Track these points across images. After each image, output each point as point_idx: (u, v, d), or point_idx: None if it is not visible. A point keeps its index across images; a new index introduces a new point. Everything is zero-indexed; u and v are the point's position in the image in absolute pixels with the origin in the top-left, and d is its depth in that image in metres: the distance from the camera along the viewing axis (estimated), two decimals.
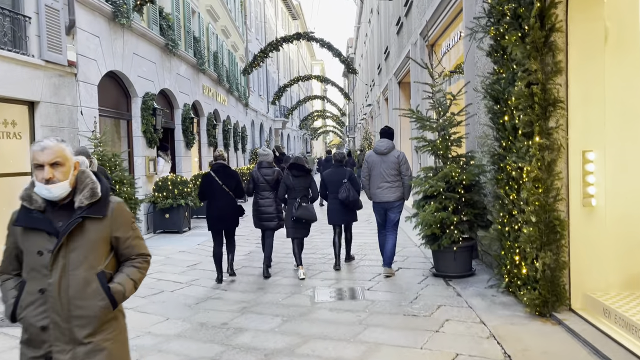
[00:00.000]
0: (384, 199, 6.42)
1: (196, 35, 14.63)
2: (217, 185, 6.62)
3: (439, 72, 6.51)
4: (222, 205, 6.63)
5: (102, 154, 7.66)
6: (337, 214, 7.04)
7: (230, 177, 6.72)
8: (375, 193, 6.50)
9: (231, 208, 6.69)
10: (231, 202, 6.68)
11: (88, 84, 8.39)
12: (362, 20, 33.40)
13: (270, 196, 6.91)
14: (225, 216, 6.67)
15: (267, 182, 6.88)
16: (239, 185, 6.80)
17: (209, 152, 16.07)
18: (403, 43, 13.97)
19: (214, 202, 6.66)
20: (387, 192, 6.41)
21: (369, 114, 27.43)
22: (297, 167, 6.83)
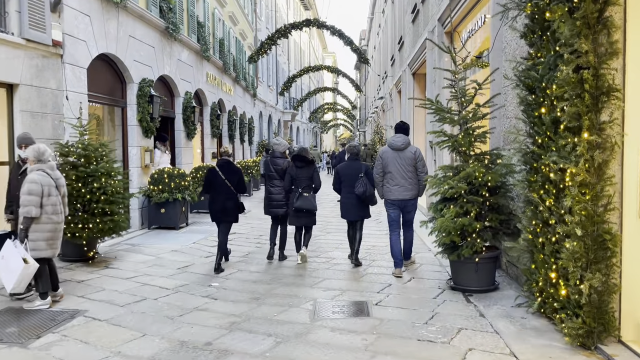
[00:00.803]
0: (400, 196, 6.24)
1: (200, 20, 13.90)
2: (220, 180, 6.84)
3: (463, 58, 5.70)
4: (224, 199, 6.84)
5: (86, 144, 6.98)
6: (352, 209, 6.88)
7: (233, 173, 6.93)
8: (391, 190, 6.28)
9: (232, 202, 6.90)
10: (232, 197, 6.90)
11: (76, 67, 7.71)
12: (376, 11, 32.46)
13: (280, 184, 7.25)
14: (226, 209, 6.86)
15: (277, 171, 7.24)
16: (241, 180, 7.01)
17: (212, 143, 15.40)
18: (419, 31, 13.14)
19: (217, 195, 6.87)
20: (403, 189, 6.23)
21: (381, 107, 26.60)
22: (300, 158, 7.09)
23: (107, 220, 6.95)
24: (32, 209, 4.90)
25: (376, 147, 20.44)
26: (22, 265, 4.75)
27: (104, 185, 6.94)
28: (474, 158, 5.39)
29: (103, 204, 6.92)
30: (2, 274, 4.88)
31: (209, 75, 14.97)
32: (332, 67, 22.29)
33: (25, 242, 4.91)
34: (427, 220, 5.72)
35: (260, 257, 7.52)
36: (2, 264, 4.84)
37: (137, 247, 8.19)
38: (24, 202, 4.88)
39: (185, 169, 12.49)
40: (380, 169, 6.37)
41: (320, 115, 45.71)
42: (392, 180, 6.28)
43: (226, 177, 6.85)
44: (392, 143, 6.38)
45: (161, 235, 9.23)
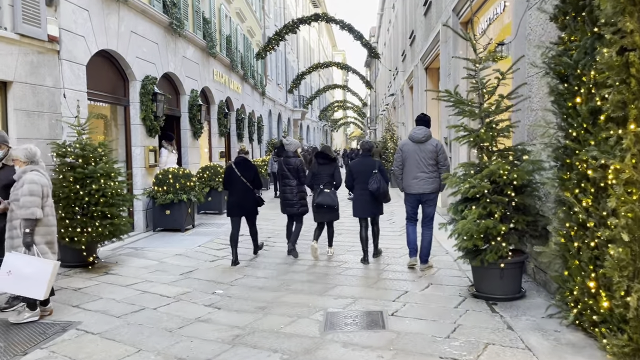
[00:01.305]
0: (420, 190, 6.16)
1: (206, 16, 13.54)
2: (236, 176, 7.15)
3: (484, 45, 5.25)
4: (240, 194, 7.15)
5: (84, 144, 6.64)
6: (365, 206, 6.83)
7: (248, 170, 7.24)
8: (410, 184, 6.21)
9: (249, 197, 7.21)
10: (248, 192, 7.20)
11: (74, 64, 7.38)
12: (386, 7, 31.95)
13: (292, 183, 7.38)
14: (242, 204, 7.18)
15: (289, 170, 7.38)
16: (257, 177, 7.31)
17: (220, 142, 15.05)
18: (431, 24, 12.67)
19: (234, 191, 7.20)
20: (423, 183, 6.13)
21: (392, 104, 26.11)
22: (323, 156, 7.34)
23: (107, 223, 6.61)
24: (37, 210, 4.57)
25: (387, 145, 19.98)
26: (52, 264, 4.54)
27: (103, 187, 6.59)
28: (497, 154, 4.94)
29: (102, 206, 6.58)
30: (18, 288, 4.48)
31: (216, 72, 14.62)
32: (341, 64, 21.85)
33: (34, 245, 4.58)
34: (446, 222, 5.28)
35: (267, 261, 7.14)
36: (11, 279, 4.43)
37: (140, 250, 7.85)
38: (26, 204, 4.52)
39: (192, 168, 12.16)
40: (400, 161, 6.27)
41: (330, 113, 45.32)
42: (411, 173, 6.17)
43: (242, 173, 7.15)
44: (412, 135, 6.25)
45: (166, 238, 8.88)
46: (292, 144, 7.69)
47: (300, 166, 7.44)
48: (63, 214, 6.48)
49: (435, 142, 6.21)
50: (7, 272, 4.43)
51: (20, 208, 4.54)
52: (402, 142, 6.50)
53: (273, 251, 7.86)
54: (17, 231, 4.59)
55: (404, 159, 6.27)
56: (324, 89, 31.99)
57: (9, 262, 4.46)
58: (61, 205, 6.46)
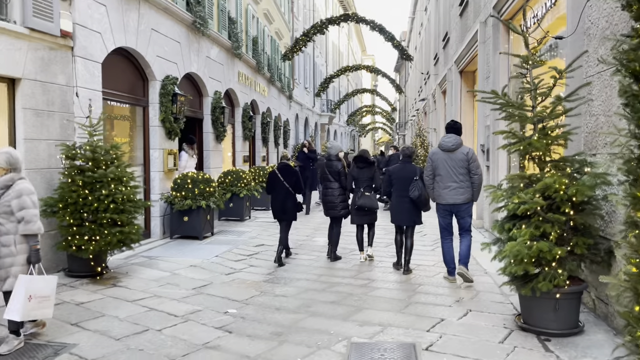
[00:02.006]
0: (451, 200, 5.93)
1: (232, 16, 13.14)
2: (279, 181, 7.47)
3: (538, 40, 4.56)
4: (283, 198, 7.46)
5: (94, 146, 6.21)
6: (404, 214, 6.67)
7: (290, 175, 7.53)
8: (441, 194, 5.99)
9: (290, 201, 7.50)
10: (291, 196, 7.50)
11: (89, 61, 6.99)
12: (418, 9, 31.22)
13: (334, 186, 7.50)
14: (284, 208, 7.47)
15: (331, 173, 7.50)
16: (298, 182, 7.59)
17: (244, 146, 14.61)
18: (468, 24, 11.96)
19: (277, 195, 7.51)
20: (454, 192, 5.91)
21: (422, 109, 25.33)
22: (362, 159, 7.46)
23: (117, 231, 6.16)
24: (41, 225, 4.19)
25: (417, 151, 19.24)
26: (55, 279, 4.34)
27: (113, 193, 6.15)
28: (552, 165, 4.26)
29: (112, 213, 6.14)
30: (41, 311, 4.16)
31: (241, 74, 14.20)
32: (371, 67, 21.21)
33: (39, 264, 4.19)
34: (490, 242, 4.61)
35: (288, 276, 6.58)
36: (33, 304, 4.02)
37: (154, 260, 7.39)
38: (31, 218, 4.07)
39: (214, 173, 11.74)
40: (430, 171, 6.10)
41: (358, 118, 44.64)
42: (442, 183, 5.98)
43: (284, 179, 7.47)
44: (442, 144, 6.06)
45: (182, 247, 8.42)
46: (334, 148, 7.78)
47: (342, 169, 7.53)
48: (71, 220, 6.08)
49: (466, 150, 5.96)
50: (27, 298, 3.98)
51: (27, 223, 4.08)
52: (432, 150, 6.30)
53: (294, 264, 7.29)
54: (8, 249, 4.10)
55: (434, 168, 6.06)
56: (353, 93, 31.35)
57: (25, 286, 4.00)
58: (69, 211, 6.07)
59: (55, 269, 6.41)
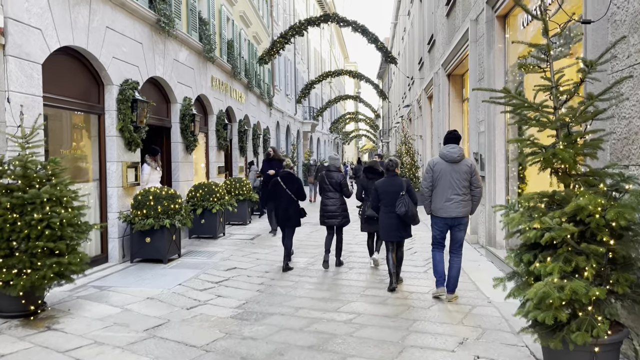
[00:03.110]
0: (453, 213, 5.70)
1: (204, 17, 12.19)
2: (282, 189, 7.74)
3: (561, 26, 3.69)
4: (286, 205, 7.70)
5: (25, 160, 5.20)
6: (392, 229, 6.42)
7: (293, 183, 7.81)
8: (442, 206, 5.73)
9: (294, 209, 7.75)
10: (294, 204, 7.75)
11: (25, 61, 5.98)
12: (400, 14, 30.63)
13: (335, 196, 7.75)
14: (289, 215, 7.70)
15: (332, 184, 7.74)
16: (300, 189, 7.85)
17: (219, 156, 13.61)
18: (456, 25, 11.20)
19: (280, 203, 7.75)
20: (457, 205, 5.68)
21: (407, 116, 24.61)
22: (371, 170, 7.76)
23: (53, 262, 5.14)
24: None
25: (403, 159, 18.44)
26: None
27: (48, 216, 5.14)
28: (582, 181, 3.40)
29: (47, 240, 5.13)
30: None
31: (215, 79, 13.23)
32: (353, 72, 20.42)
33: None
34: (505, 276, 3.72)
35: (259, 310, 5.62)
36: None
37: (106, 291, 6.37)
38: None
39: (184, 187, 10.74)
40: (430, 182, 5.80)
41: (341, 125, 43.90)
42: (443, 196, 5.72)
43: (287, 186, 7.73)
44: (446, 154, 5.74)
45: (142, 272, 7.40)
46: (338, 160, 8.26)
47: (343, 180, 7.80)
48: None
49: (470, 162, 5.78)
50: None
51: None
52: (433, 160, 5.91)
53: (269, 293, 6.33)
54: None
55: (434, 179, 5.76)
56: (335, 100, 30.56)
57: None
58: None
59: None
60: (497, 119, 7.72)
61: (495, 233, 7.79)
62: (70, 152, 7.48)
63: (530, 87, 4.10)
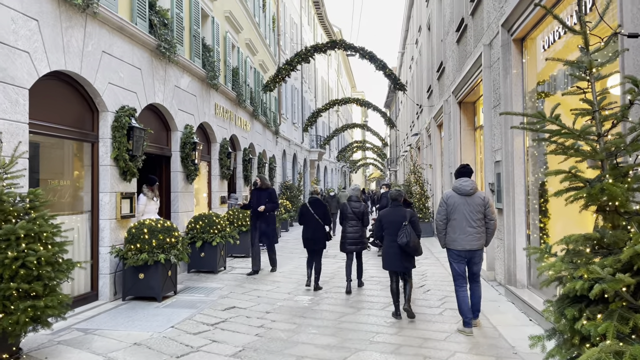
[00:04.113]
0: (468, 246, 5.75)
1: (208, 43, 11.93)
2: (310, 214, 8.39)
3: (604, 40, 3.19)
4: (313, 229, 8.36)
5: (1, 193, 4.73)
6: (395, 259, 6.44)
7: (320, 208, 8.47)
8: (457, 239, 5.78)
9: (320, 232, 8.38)
10: (320, 228, 8.38)
11: (10, 86, 5.59)
12: (408, 42, 30.55)
13: (357, 225, 8.22)
14: (315, 238, 8.33)
15: (355, 213, 8.19)
16: (327, 214, 8.51)
17: (222, 186, 13.16)
18: (467, 50, 10.83)
19: (308, 227, 8.42)
20: (471, 238, 5.74)
21: (415, 145, 24.18)
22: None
23: (27, 306, 4.61)
24: None
25: (411, 188, 17.88)
26: None
27: (23, 255, 4.64)
28: (637, 221, 2.86)
29: (21, 281, 4.61)
30: None
31: (219, 107, 12.89)
32: (361, 100, 20.07)
33: None
34: (544, 335, 3.14)
35: (257, 358, 5.02)
36: None
37: (90, 334, 5.81)
38: None
39: (184, 217, 10.25)
40: (444, 215, 5.85)
41: (348, 154, 43.55)
42: (458, 229, 5.77)
43: (315, 211, 8.39)
44: (459, 188, 5.84)
45: (134, 312, 6.84)
46: (358, 190, 8.67)
47: (365, 209, 8.29)
48: None
49: (483, 195, 5.86)
50: None
51: None
52: (446, 194, 5.97)
53: (269, 338, 5.74)
54: None
55: (448, 212, 5.83)
56: (343, 128, 30.23)
57: None
58: None
59: None
60: (515, 147, 7.22)
61: (516, 271, 7.18)
62: (60, 182, 7.03)
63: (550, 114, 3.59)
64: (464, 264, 5.87)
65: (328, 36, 40.50)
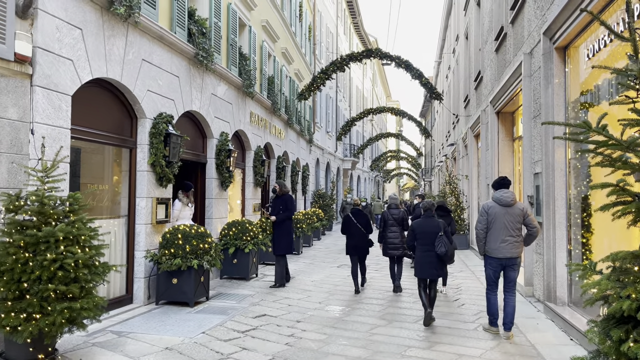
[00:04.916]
0: (508, 254, 6.07)
1: (244, 52, 12.08)
2: (354, 224, 9.11)
3: None
4: (357, 238, 9.07)
5: (42, 196, 4.86)
6: (429, 267, 6.77)
7: (362, 218, 9.19)
8: (497, 247, 6.09)
9: (363, 240, 9.10)
10: (363, 236, 9.11)
11: (54, 92, 5.77)
12: (445, 52, 30.22)
13: (397, 230, 9.03)
14: (358, 246, 9.08)
15: (395, 220, 9.07)
16: (368, 223, 9.21)
17: (255, 193, 13.24)
18: (507, 59, 10.59)
19: (351, 235, 9.14)
20: (511, 246, 6.06)
21: (451, 155, 23.80)
22: (442, 209, 9.23)
23: (64, 307, 4.71)
24: None
25: (447, 198, 17.55)
26: None
27: (61, 257, 4.75)
28: None
29: (58, 283, 4.72)
30: None
31: (254, 115, 13.01)
32: (396, 109, 19.92)
33: None
34: (587, 356, 2.98)
35: None
36: None
37: (124, 337, 5.90)
38: None
39: (217, 224, 10.35)
40: (485, 224, 6.18)
41: (382, 163, 43.27)
42: (497, 238, 6.08)
43: (358, 221, 9.11)
44: (500, 199, 6.14)
45: (166, 317, 6.92)
46: (397, 199, 9.59)
47: (404, 215, 9.17)
48: (6, 293, 4.67)
49: (522, 206, 6.14)
50: None
51: None
52: (487, 204, 6.24)
53: (299, 348, 5.68)
54: None
55: (489, 222, 6.15)
56: (377, 138, 30.07)
57: None
58: (4, 280, 4.66)
59: None
60: (556, 159, 6.97)
61: (556, 287, 6.91)
62: (99, 186, 7.20)
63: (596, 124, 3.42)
64: (500, 271, 6.19)
65: (364, 45, 40.48)
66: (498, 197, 6.13)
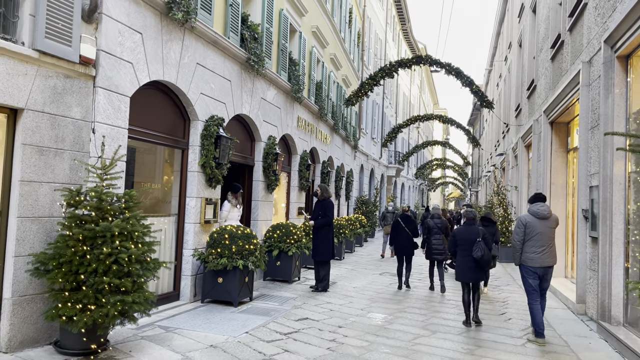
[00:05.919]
0: (545, 263, 6.44)
1: (294, 57, 12.22)
2: (402, 227, 10.19)
3: None
4: (404, 240, 10.17)
5: (100, 192, 5.08)
6: (469, 272, 7.25)
7: (410, 223, 10.25)
8: (534, 258, 6.46)
9: (410, 243, 10.20)
10: (410, 239, 10.19)
11: (114, 94, 6.03)
12: (496, 60, 29.55)
13: (440, 237, 10.01)
14: (405, 248, 10.18)
15: (439, 227, 10.04)
16: (415, 228, 10.27)
17: (300, 197, 13.34)
18: (563, 68, 10.25)
19: (399, 238, 10.23)
20: (547, 256, 6.45)
21: (500, 165, 23.20)
22: (487, 219, 10.06)
23: (116, 300, 4.89)
24: None
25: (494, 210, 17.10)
26: None
27: (116, 251, 4.94)
28: None
29: (112, 277, 4.91)
30: None
31: (301, 120, 13.13)
32: (444, 117, 19.60)
33: None
34: None
35: None
36: None
37: (171, 332, 6.06)
38: None
39: (262, 226, 10.49)
40: (522, 236, 6.54)
41: (427, 172, 42.65)
42: (535, 248, 6.45)
43: (405, 225, 10.19)
44: (537, 212, 6.54)
45: (211, 315, 7.06)
46: (439, 209, 10.87)
47: (446, 224, 10.18)
48: (64, 283, 4.90)
49: (555, 217, 6.64)
50: None
51: None
52: (524, 217, 6.61)
53: (340, 354, 5.67)
54: None
55: (527, 233, 6.50)
56: (423, 145, 29.68)
57: None
58: (62, 272, 4.89)
59: (46, 341, 5.25)
60: (615, 172, 6.68)
61: (611, 306, 6.60)
62: (152, 185, 7.45)
63: None
64: (537, 279, 6.50)
65: (412, 52, 40.15)
66: (535, 211, 6.54)
